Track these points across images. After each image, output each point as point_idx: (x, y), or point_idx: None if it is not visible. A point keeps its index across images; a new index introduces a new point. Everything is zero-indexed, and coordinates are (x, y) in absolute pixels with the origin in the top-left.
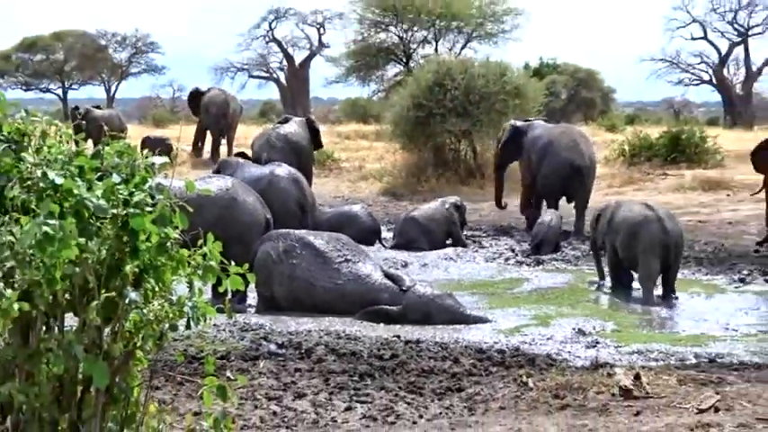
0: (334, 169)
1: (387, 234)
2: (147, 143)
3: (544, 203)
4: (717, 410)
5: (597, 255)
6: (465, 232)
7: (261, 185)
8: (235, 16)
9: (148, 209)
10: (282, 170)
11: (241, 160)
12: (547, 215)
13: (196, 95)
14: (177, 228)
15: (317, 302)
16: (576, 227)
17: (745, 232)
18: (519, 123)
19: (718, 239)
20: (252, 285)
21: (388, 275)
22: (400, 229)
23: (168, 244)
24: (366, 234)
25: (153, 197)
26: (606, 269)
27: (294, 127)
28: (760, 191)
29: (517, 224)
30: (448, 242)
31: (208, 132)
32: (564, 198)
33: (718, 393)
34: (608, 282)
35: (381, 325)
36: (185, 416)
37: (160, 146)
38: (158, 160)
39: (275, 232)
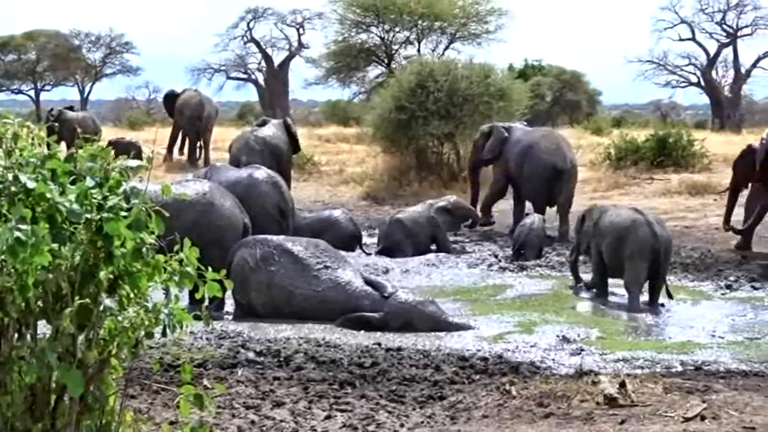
0: (314, 173)
1: (368, 239)
2: (115, 146)
3: (529, 208)
4: (703, 419)
5: (576, 259)
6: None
7: (239, 189)
8: (212, 16)
9: (123, 213)
10: (261, 173)
11: (218, 164)
12: (528, 218)
13: (171, 97)
14: (153, 233)
15: (297, 310)
16: (561, 231)
17: (733, 238)
18: (501, 126)
19: (704, 245)
20: (229, 292)
21: (369, 282)
22: (385, 232)
23: (144, 249)
24: (347, 239)
25: (128, 201)
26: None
27: (272, 130)
28: (725, 191)
29: (500, 229)
30: (433, 247)
31: (182, 135)
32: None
33: (704, 401)
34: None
35: (362, 332)
36: (162, 425)
37: (129, 149)
38: (133, 163)
39: (252, 238)
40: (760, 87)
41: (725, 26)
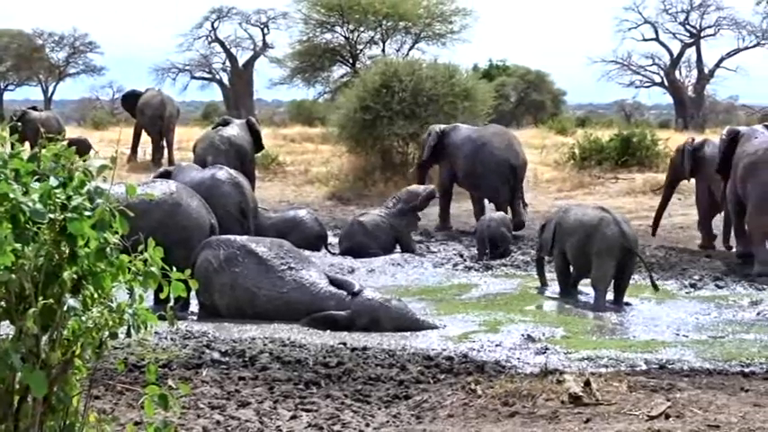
0: (279, 173)
1: (333, 239)
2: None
3: (490, 207)
4: (667, 417)
5: (541, 261)
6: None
7: (201, 190)
8: (176, 16)
9: (87, 213)
10: (223, 174)
11: (184, 164)
12: (488, 214)
13: (130, 97)
14: (117, 233)
15: (261, 312)
16: (517, 222)
17: (696, 237)
18: (443, 127)
19: (669, 244)
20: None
21: (335, 281)
22: (347, 232)
23: (108, 249)
24: (312, 239)
25: (92, 201)
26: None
27: (236, 129)
28: (660, 189)
29: (465, 229)
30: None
31: (144, 135)
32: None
33: (668, 400)
34: (556, 287)
35: (327, 332)
36: (126, 426)
37: (80, 148)
38: (97, 163)
39: (215, 238)
40: (723, 87)
41: (688, 26)
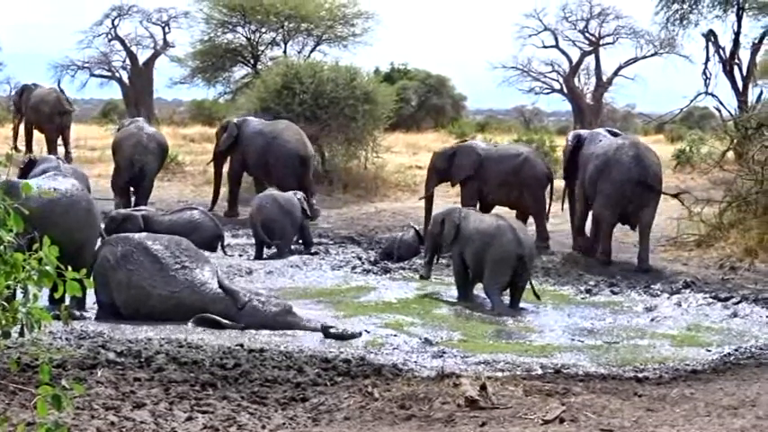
0: (178, 173)
1: (231, 240)
2: None
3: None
4: (562, 421)
5: (431, 260)
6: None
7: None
8: (76, 12)
9: None
10: (63, 166)
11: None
12: (401, 232)
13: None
14: (12, 230)
15: (154, 311)
16: (313, 212)
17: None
18: (236, 120)
19: (565, 250)
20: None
21: (223, 289)
22: (259, 206)
23: (2, 247)
24: (209, 239)
25: None
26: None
27: (153, 128)
28: (424, 197)
29: (364, 232)
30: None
31: (31, 130)
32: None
33: (563, 404)
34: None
35: (224, 333)
36: (18, 426)
37: None
38: None
39: (115, 236)
40: (621, 96)
41: (587, 34)
